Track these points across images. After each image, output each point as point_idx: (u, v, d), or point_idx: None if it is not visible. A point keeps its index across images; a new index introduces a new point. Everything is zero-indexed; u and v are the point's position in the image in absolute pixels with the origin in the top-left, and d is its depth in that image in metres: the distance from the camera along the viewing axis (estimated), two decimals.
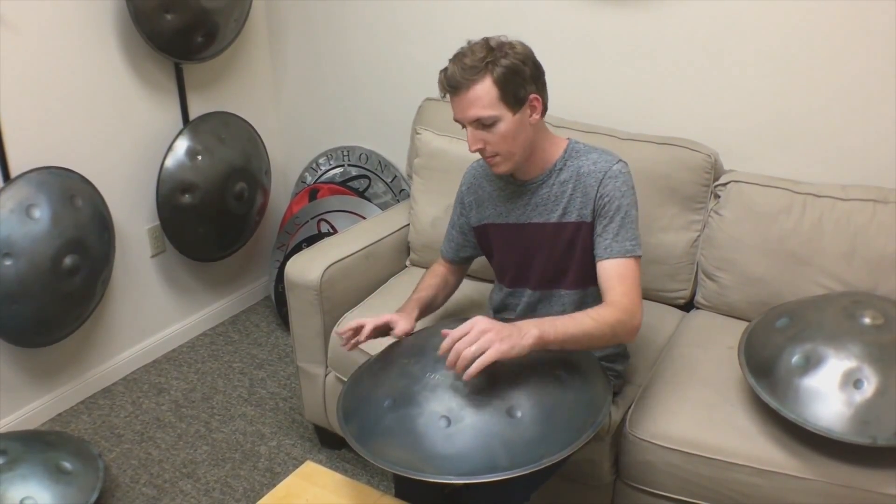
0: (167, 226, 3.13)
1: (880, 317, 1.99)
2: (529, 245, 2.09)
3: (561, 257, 2.05)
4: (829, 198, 2.33)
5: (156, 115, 3.10)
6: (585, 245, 2.01)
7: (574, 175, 2.00)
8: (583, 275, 2.05)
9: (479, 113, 1.86)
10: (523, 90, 1.88)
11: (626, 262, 1.92)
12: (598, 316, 1.82)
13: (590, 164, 1.99)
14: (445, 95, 1.93)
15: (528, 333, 1.69)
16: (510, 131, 1.89)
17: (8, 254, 2.54)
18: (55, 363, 2.98)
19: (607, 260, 1.93)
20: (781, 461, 1.93)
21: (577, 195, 1.99)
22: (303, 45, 3.44)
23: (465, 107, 1.88)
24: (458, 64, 1.87)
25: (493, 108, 1.86)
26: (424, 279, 2.33)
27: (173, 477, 2.72)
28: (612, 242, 1.93)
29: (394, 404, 1.76)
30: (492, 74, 1.84)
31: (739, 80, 2.54)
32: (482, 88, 1.85)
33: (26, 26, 2.62)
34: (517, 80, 1.87)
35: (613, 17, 2.68)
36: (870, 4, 2.29)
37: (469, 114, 1.88)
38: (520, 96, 1.88)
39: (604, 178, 1.95)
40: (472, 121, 1.89)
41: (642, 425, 2.09)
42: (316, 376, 2.66)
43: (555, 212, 2.02)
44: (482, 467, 1.63)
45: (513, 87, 1.86)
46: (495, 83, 1.84)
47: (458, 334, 1.69)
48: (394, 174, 3.36)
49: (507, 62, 1.85)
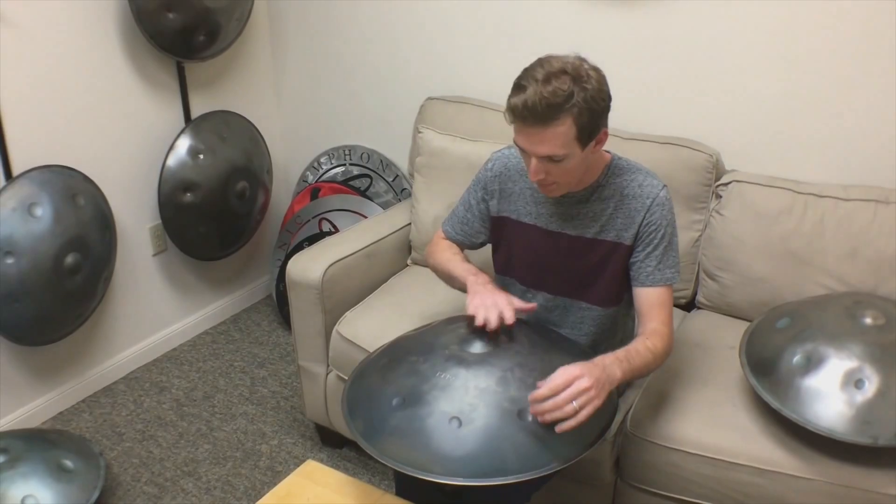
0: (169, 224, 3.13)
1: (881, 317, 1.99)
2: (557, 253, 2.04)
3: (589, 272, 2.03)
4: (830, 198, 2.34)
5: (157, 113, 3.10)
6: (617, 265, 1.99)
7: (617, 194, 1.96)
8: (608, 294, 2.04)
9: (554, 151, 1.76)
10: (598, 128, 1.80)
11: (666, 290, 1.96)
12: (654, 348, 1.88)
13: (635, 187, 1.95)
14: (511, 120, 1.78)
15: (614, 378, 1.74)
16: (578, 167, 1.84)
17: (10, 252, 2.55)
18: (56, 362, 2.98)
19: (650, 288, 1.96)
20: (782, 461, 1.94)
21: (619, 216, 1.96)
22: (304, 44, 3.44)
23: (538, 142, 1.76)
24: (538, 94, 1.71)
25: (567, 147, 1.76)
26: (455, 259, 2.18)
27: (174, 475, 2.73)
28: (654, 270, 1.95)
29: (403, 403, 1.75)
30: (573, 114, 1.72)
31: (741, 80, 2.54)
32: (562, 129, 1.73)
33: (29, 25, 2.62)
34: (594, 118, 1.76)
35: (615, 18, 2.68)
36: (871, 5, 2.29)
37: (542, 150, 1.77)
38: (593, 134, 1.79)
39: (651, 206, 1.92)
40: (542, 157, 1.78)
41: (644, 425, 2.09)
42: (317, 375, 2.66)
43: (591, 228, 1.99)
44: (491, 470, 1.63)
45: (590, 127, 1.76)
46: (575, 123, 1.73)
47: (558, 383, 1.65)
48: (395, 173, 3.36)
49: (589, 98, 1.73)
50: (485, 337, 1.86)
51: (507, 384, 1.74)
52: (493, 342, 1.85)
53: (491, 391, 1.72)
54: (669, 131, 2.58)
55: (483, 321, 1.85)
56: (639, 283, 1.97)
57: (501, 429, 1.68)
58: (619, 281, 2.02)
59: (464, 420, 1.68)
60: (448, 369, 1.78)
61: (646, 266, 1.95)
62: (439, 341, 1.89)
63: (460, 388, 1.73)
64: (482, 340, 1.85)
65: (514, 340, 1.87)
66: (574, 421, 1.64)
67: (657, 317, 1.94)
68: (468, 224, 2.20)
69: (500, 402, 1.71)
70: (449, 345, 1.86)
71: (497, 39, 2.93)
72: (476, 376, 1.75)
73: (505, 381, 1.74)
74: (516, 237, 2.10)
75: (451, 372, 1.76)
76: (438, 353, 1.84)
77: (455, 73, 3.06)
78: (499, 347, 1.84)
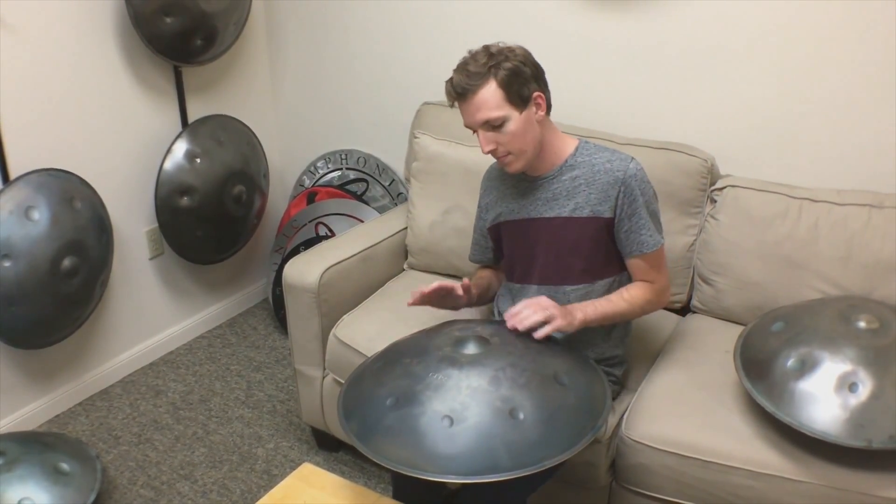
0: (165, 228, 3.13)
1: (875, 321, 2.00)
2: (537, 239, 2.13)
3: (569, 251, 2.09)
4: (824, 202, 2.35)
5: (155, 117, 3.11)
6: (597, 239, 2.07)
7: (587, 171, 2.06)
8: (590, 269, 2.11)
9: (488, 115, 1.94)
10: (527, 89, 1.96)
11: (654, 254, 2.08)
12: (631, 298, 2.08)
13: (604, 162, 2.06)
14: (454, 104, 2.00)
15: (575, 315, 1.98)
16: (519, 129, 1.97)
17: (7, 255, 2.55)
18: (53, 365, 2.98)
19: (638, 257, 2.09)
20: (777, 464, 1.94)
21: (592, 191, 2.05)
22: (301, 48, 3.45)
23: (473, 111, 1.95)
24: (462, 72, 1.94)
25: (500, 109, 1.93)
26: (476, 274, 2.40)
27: (171, 479, 2.73)
28: (645, 238, 2.05)
29: (396, 403, 1.77)
30: (495, 78, 1.92)
31: (736, 85, 2.55)
32: (487, 92, 1.92)
33: (26, 29, 2.63)
34: (520, 80, 1.94)
35: (610, 23, 2.69)
36: (865, 10, 2.30)
37: (478, 117, 1.95)
38: (524, 95, 1.95)
39: (625, 178, 2.03)
40: (482, 123, 1.96)
41: (639, 428, 2.09)
42: (313, 379, 2.67)
43: (566, 206, 2.07)
44: (484, 467, 1.64)
45: (516, 87, 1.94)
46: (500, 85, 1.92)
47: (529, 301, 1.97)
48: (392, 178, 3.37)
49: (509, 65, 1.93)
50: (478, 339, 1.87)
51: (499, 383, 1.75)
52: (485, 344, 1.86)
53: (483, 390, 1.74)
54: (664, 136, 2.59)
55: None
56: (628, 254, 2.09)
57: (493, 427, 1.69)
58: (602, 253, 2.11)
59: (455, 419, 1.69)
60: (441, 370, 1.79)
61: (636, 236, 2.06)
62: (433, 343, 1.91)
63: (453, 388, 1.75)
64: (475, 342, 1.86)
65: (506, 341, 1.89)
66: (548, 329, 1.91)
67: (645, 276, 2.11)
68: (478, 244, 2.38)
69: (491, 401, 1.72)
70: (442, 346, 1.88)
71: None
72: (468, 376, 1.77)
73: (497, 380, 1.75)
74: (506, 236, 2.21)
75: (444, 372, 1.78)
76: (432, 355, 1.86)
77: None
78: (491, 348, 1.85)
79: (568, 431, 1.72)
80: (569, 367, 1.85)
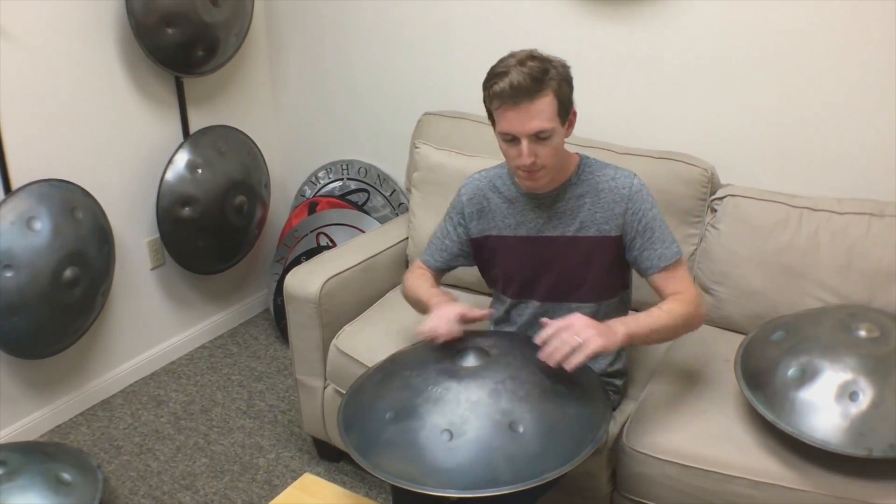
0: (167, 238, 3.14)
1: (876, 329, 2.00)
2: (541, 257, 2.08)
3: (576, 270, 2.06)
4: (825, 211, 2.35)
5: (156, 128, 3.12)
6: (606, 258, 2.04)
7: (591, 189, 2.02)
8: (598, 288, 2.08)
9: (542, 125, 1.84)
10: (571, 104, 1.92)
11: (675, 265, 2.01)
12: (671, 310, 1.94)
13: (608, 180, 2.01)
14: (500, 107, 1.86)
15: (618, 332, 1.82)
16: (559, 145, 1.92)
17: (8, 266, 2.56)
18: (55, 375, 2.98)
19: (660, 273, 2.01)
20: (778, 473, 1.94)
21: (598, 210, 2.01)
22: (303, 59, 3.46)
23: (526, 118, 1.84)
24: (521, 73, 1.82)
25: (551, 120, 1.86)
26: (424, 285, 2.22)
27: (172, 489, 2.73)
28: (661, 252, 2.00)
29: (395, 416, 1.77)
30: (553, 87, 1.85)
31: (736, 94, 2.56)
32: (546, 100, 1.84)
33: (28, 39, 2.64)
34: (569, 94, 1.90)
35: (612, 33, 2.70)
36: (864, 20, 2.31)
37: (531, 126, 1.84)
38: (568, 110, 1.92)
39: (631, 196, 1.98)
40: (532, 133, 1.85)
41: (639, 438, 2.09)
42: (314, 389, 2.67)
43: (571, 225, 2.03)
44: (484, 481, 1.63)
45: (566, 101, 1.89)
46: (556, 96, 1.85)
47: (561, 324, 1.78)
48: (393, 188, 3.38)
49: (561, 73, 1.88)
50: (477, 351, 1.87)
51: (499, 396, 1.75)
52: (485, 356, 1.86)
53: (482, 403, 1.73)
54: (665, 146, 2.60)
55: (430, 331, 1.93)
56: (650, 272, 2.02)
57: (493, 440, 1.69)
58: (610, 273, 2.07)
59: (455, 432, 1.69)
60: (440, 382, 1.79)
61: (651, 252, 2.00)
62: (432, 355, 1.91)
63: (452, 401, 1.74)
64: (474, 354, 1.86)
65: (506, 353, 1.89)
66: (581, 355, 1.73)
67: (674, 287, 2.01)
68: (447, 250, 2.24)
69: (491, 414, 1.72)
70: (442, 359, 1.88)
71: (494, 55, 2.91)
72: (468, 389, 1.77)
73: (496, 393, 1.75)
74: (500, 252, 2.14)
75: (444, 385, 1.78)
76: (431, 367, 1.86)
77: (452, 89, 3.08)
78: (491, 361, 1.85)
79: (568, 444, 1.72)
80: (569, 378, 1.84)
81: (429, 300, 2.11)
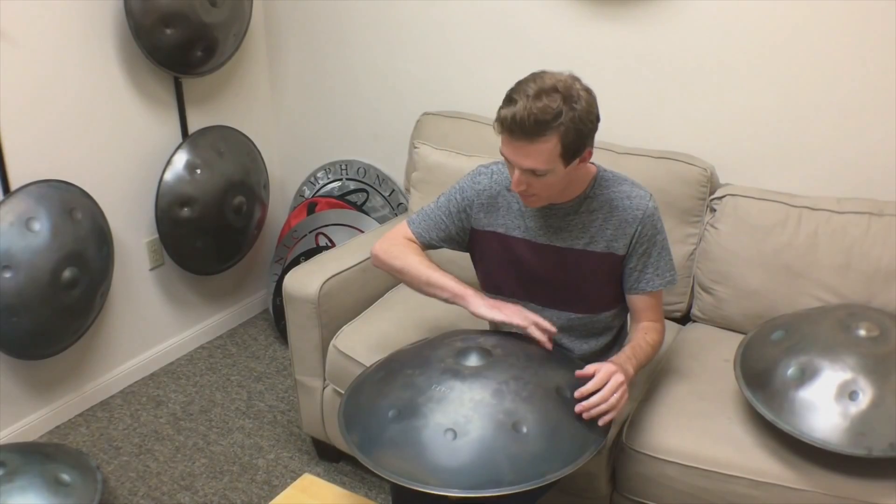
0: (166, 239, 3.14)
1: (875, 329, 2.00)
2: (546, 266, 2.06)
3: (579, 282, 2.05)
4: (824, 211, 2.35)
5: (155, 128, 3.12)
6: (609, 274, 2.04)
7: (605, 205, 1.98)
8: (597, 302, 2.08)
9: (535, 166, 1.79)
10: (582, 147, 1.82)
11: (661, 292, 2.08)
12: (653, 342, 2.04)
13: (623, 198, 1.98)
14: (500, 130, 1.81)
15: (629, 374, 1.88)
16: (557, 182, 1.86)
17: (7, 266, 2.55)
18: (54, 376, 2.98)
19: (647, 295, 2.05)
20: (777, 473, 1.94)
21: (609, 227, 1.99)
22: (301, 59, 3.46)
23: (523, 155, 1.79)
24: (527, 110, 1.73)
25: (549, 163, 1.79)
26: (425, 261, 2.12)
27: (171, 489, 2.72)
28: (653, 277, 2.03)
29: (398, 415, 1.76)
30: (559, 133, 1.75)
31: (736, 94, 2.56)
32: (546, 146, 1.76)
33: (27, 40, 2.64)
34: (580, 139, 1.80)
35: (611, 33, 2.70)
36: (864, 21, 2.31)
37: (525, 163, 1.80)
38: (578, 153, 1.82)
39: (643, 218, 1.97)
40: (526, 169, 1.81)
41: (639, 438, 2.09)
42: (314, 389, 2.67)
43: (581, 239, 2.01)
44: (486, 481, 1.63)
45: (574, 146, 1.79)
46: (560, 141, 1.76)
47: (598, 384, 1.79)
48: (392, 188, 3.38)
49: (577, 118, 1.76)
50: (480, 350, 1.87)
51: (503, 396, 1.74)
52: (488, 356, 1.86)
53: (486, 403, 1.73)
54: (664, 146, 2.60)
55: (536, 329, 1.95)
56: (637, 291, 2.04)
57: (496, 441, 1.68)
58: (610, 288, 2.07)
59: (459, 432, 1.69)
60: (443, 382, 1.78)
61: (644, 276, 2.02)
62: (435, 354, 1.90)
63: (455, 401, 1.74)
64: (478, 354, 1.86)
65: (509, 353, 1.88)
66: (615, 412, 1.79)
67: (652, 315, 2.08)
68: (442, 230, 2.15)
69: (494, 415, 1.71)
70: (445, 358, 1.87)
71: (493, 55, 2.95)
72: (471, 388, 1.76)
73: (500, 393, 1.75)
74: (504, 251, 2.10)
75: (447, 384, 1.77)
76: (434, 366, 1.85)
77: (451, 89, 3.08)
78: (494, 360, 1.85)
79: (571, 445, 1.72)
80: (571, 379, 1.84)
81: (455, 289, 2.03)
